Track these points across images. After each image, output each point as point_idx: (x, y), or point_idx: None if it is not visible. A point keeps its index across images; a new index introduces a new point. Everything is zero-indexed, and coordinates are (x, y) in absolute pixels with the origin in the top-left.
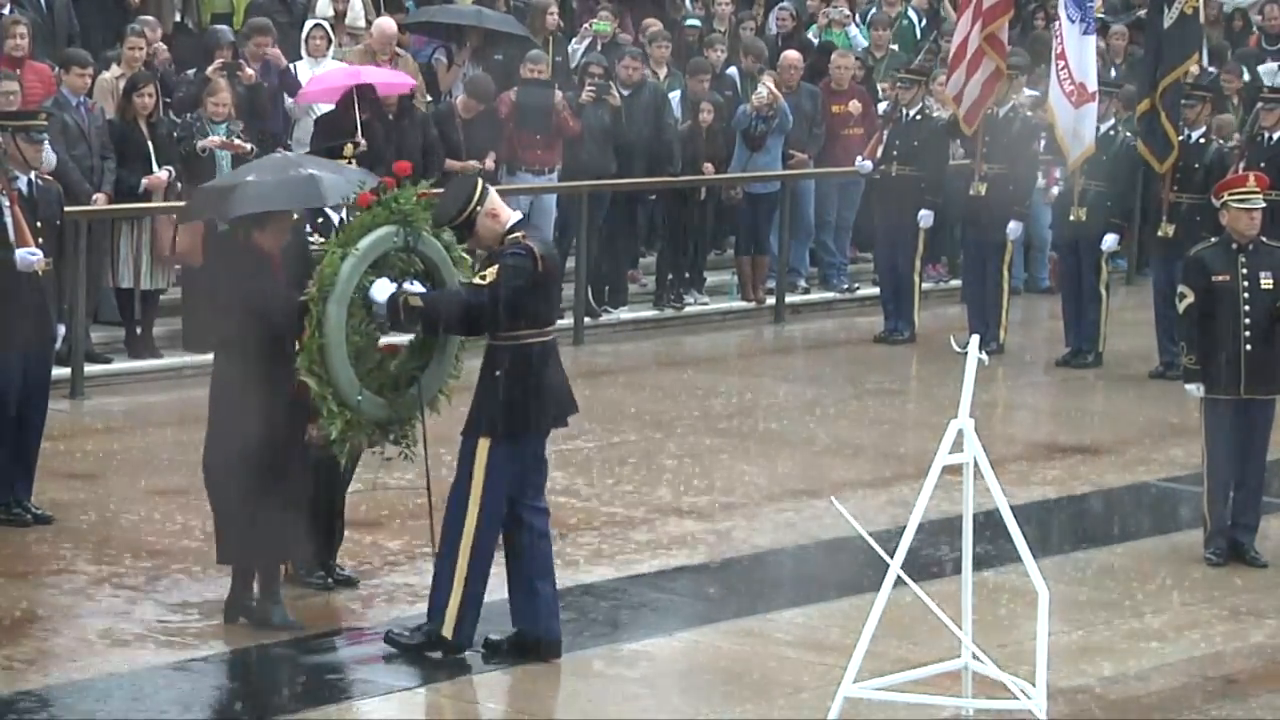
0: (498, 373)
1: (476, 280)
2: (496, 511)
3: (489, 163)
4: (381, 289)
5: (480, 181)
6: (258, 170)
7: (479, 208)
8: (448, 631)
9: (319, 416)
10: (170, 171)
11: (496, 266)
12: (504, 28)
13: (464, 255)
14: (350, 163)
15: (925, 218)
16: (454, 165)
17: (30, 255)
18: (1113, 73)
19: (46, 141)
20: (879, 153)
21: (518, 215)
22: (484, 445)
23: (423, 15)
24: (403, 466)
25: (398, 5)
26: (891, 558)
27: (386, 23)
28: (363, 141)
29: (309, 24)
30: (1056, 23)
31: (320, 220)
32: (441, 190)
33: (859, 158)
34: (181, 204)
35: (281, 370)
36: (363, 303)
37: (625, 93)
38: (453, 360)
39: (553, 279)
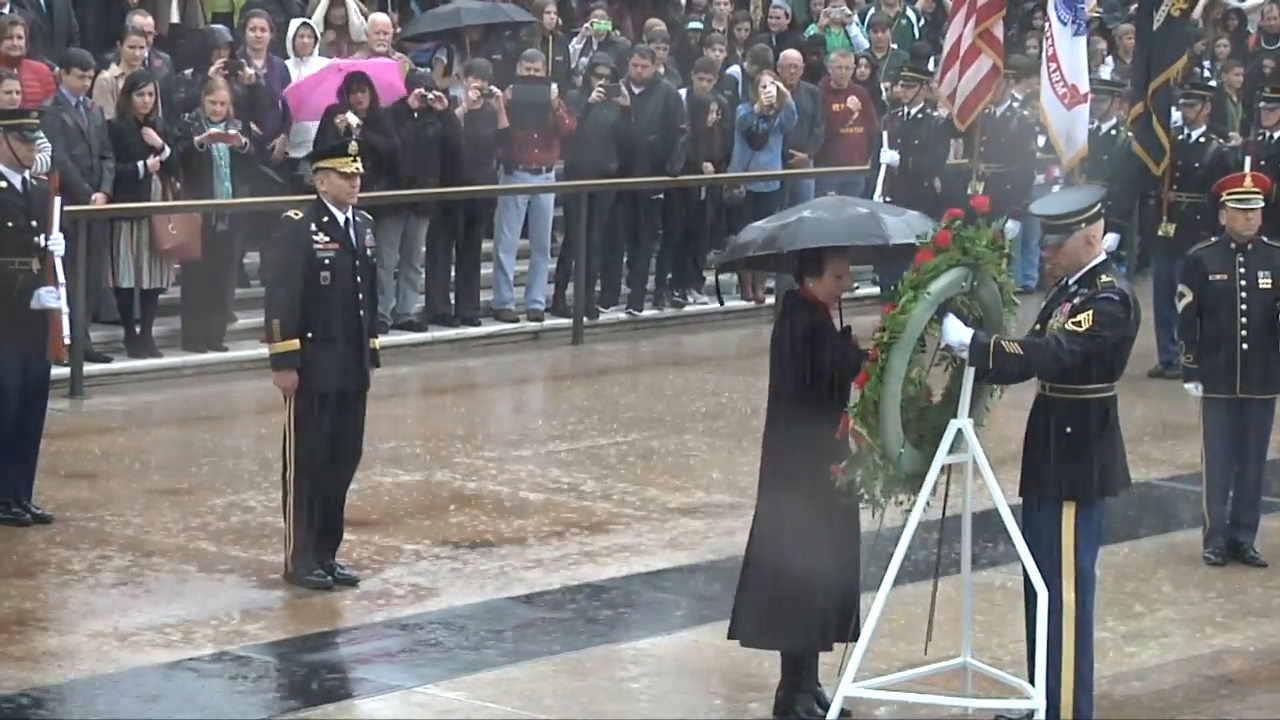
0: (1068, 429)
1: (1070, 326)
2: (1092, 577)
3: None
4: (955, 329)
5: (1101, 201)
6: (811, 208)
7: (1085, 225)
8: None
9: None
10: (167, 151)
11: (1091, 312)
12: (500, 18)
13: (1014, 299)
14: (354, 161)
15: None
16: None
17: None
18: (1106, 70)
19: (42, 140)
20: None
21: (1103, 255)
22: (1070, 509)
23: (423, 25)
24: None
25: (404, 11)
26: (891, 558)
27: (380, 16)
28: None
29: (295, 23)
30: (1047, 24)
31: (326, 220)
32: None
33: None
34: (179, 203)
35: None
36: (922, 346)
37: (636, 91)
38: (984, 411)
39: (1135, 331)
